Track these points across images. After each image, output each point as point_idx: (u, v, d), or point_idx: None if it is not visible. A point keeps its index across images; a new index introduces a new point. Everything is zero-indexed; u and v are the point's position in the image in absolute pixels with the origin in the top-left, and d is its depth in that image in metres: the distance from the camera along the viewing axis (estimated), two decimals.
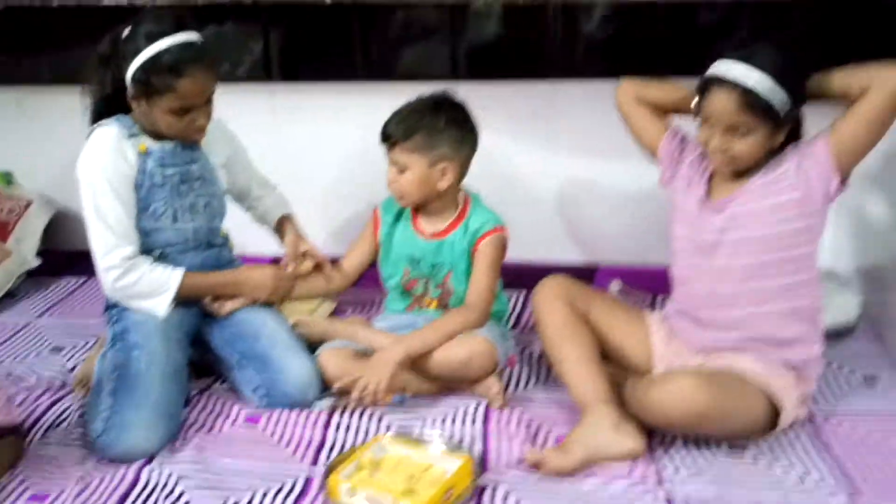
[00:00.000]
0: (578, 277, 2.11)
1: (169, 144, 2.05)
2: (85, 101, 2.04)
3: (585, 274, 2.62)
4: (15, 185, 2.92)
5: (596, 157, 2.69)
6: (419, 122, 2.08)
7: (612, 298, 2.19)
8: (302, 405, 2.04)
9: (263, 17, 2.70)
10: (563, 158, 2.74)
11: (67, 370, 2.27)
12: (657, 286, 2.44)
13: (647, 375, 1.97)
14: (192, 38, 1.95)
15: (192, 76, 1.93)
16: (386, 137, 2.11)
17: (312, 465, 1.85)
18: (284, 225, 2.32)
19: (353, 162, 2.72)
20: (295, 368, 2.06)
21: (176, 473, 1.82)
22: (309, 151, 2.81)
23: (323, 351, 2.12)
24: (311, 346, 2.15)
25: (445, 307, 2.21)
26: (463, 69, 2.66)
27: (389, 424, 1.99)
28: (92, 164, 1.99)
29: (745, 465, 1.82)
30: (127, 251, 1.99)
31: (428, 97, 2.14)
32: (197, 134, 2.05)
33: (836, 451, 1.85)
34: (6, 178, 2.91)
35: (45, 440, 1.95)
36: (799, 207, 1.84)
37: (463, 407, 2.05)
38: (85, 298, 2.75)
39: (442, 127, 2.09)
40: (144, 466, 1.84)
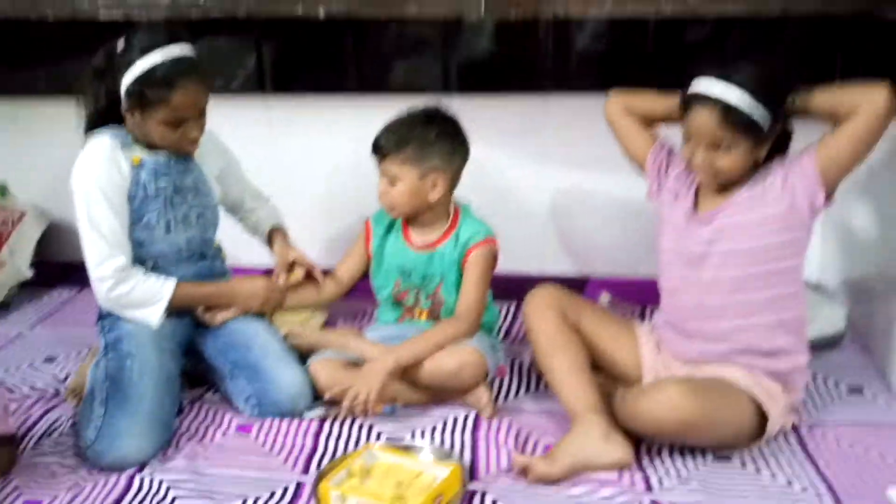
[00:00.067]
0: (569, 288, 2.12)
1: (162, 156, 2.06)
2: (79, 113, 2.06)
3: (576, 285, 2.63)
4: (9, 196, 2.92)
5: (587, 169, 2.71)
6: (410, 134, 2.10)
7: (602, 309, 2.20)
8: (293, 414, 2.06)
9: (257, 30, 2.71)
10: (554, 171, 2.75)
11: (60, 380, 2.28)
12: (647, 298, 2.45)
13: (636, 385, 1.99)
14: (185, 51, 1.97)
15: (185, 89, 1.95)
16: (377, 149, 2.13)
17: (303, 473, 1.86)
18: (274, 236, 2.33)
19: (345, 174, 2.74)
20: (286, 378, 2.07)
21: (168, 481, 1.83)
22: (302, 164, 2.82)
23: (314, 361, 2.13)
24: (302, 356, 2.17)
25: (436, 318, 2.22)
26: (455, 83, 2.68)
27: (380, 433, 2.00)
28: (86, 174, 2.00)
29: (731, 472, 1.84)
30: (120, 261, 2.00)
31: (419, 110, 2.16)
32: (190, 146, 2.06)
33: (821, 460, 1.87)
34: (0, 189, 2.92)
35: (37, 449, 1.96)
36: (785, 220, 1.85)
37: (453, 417, 2.07)
38: (77, 309, 2.75)
39: (433, 139, 2.10)
40: (136, 474, 1.85)
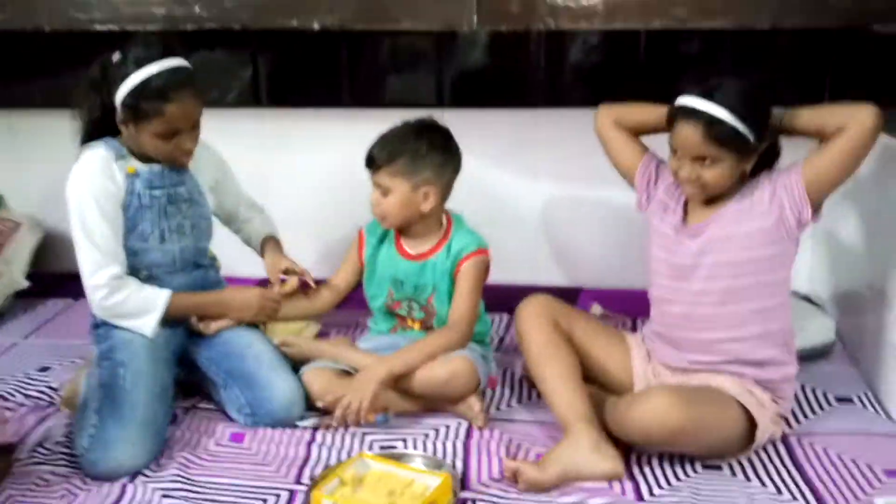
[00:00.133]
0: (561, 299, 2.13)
1: (157, 166, 2.08)
2: (75, 124, 2.07)
3: (568, 296, 2.63)
4: (5, 207, 2.93)
5: (578, 182, 2.73)
6: (402, 146, 2.12)
7: (594, 319, 2.21)
8: (287, 423, 2.07)
9: (252, 43, 2.74)
10: (546, 184, 2.78)
11: (54, 389, 2.28)
12: (638, 309, 2.45)
13: (626, 394, 2.00)
14: (179, 63, 1.99)
15: (179, 101, 1.97)
16: (370, 161, 2.15)
17: (296, 482, 1.87)
18: (266, 245, 2.34)
19: (339, 186, 2.74)
20: (280, 387, 2.08)
21: (161, 490, 1.83)
22: (296, 176, 2.83)
23: (307, 370, 2.14)
24: (296, 365, 2.18)
25: (429, 328, 2.23)
26: (449, 97, 2.70)
27: (372, 442, 2.01)
28: (80, 184, 2.01)
29: (721, 481, 1.85)
30: (114, 270, 2.01)
31: (412, 122, 2.17)
32: (183, 157, 2.08)
33: (809, 470, 1.88)
34: None
35: (31, 458, 1.96)
36: (772, 234, 1.87)
37: (444, 426, 2.08)
38: (72, 320, 2.75)
39: (425, 151, 2.12)
40: (129, 483, 1.86)
